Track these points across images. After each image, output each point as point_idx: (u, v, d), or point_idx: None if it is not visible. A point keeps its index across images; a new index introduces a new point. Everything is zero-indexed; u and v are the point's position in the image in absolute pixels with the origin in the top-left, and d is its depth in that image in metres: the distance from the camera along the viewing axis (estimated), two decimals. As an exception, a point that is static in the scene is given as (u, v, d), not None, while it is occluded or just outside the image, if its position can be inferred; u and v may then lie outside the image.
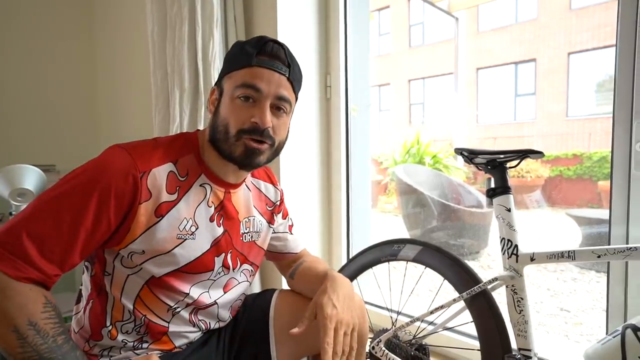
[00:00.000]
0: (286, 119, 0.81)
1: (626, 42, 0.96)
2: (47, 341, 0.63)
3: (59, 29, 2.27)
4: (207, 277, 0.82)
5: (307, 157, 1.55)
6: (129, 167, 0.70)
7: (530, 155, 0.90)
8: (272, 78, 0.76)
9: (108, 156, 0.71)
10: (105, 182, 0.68)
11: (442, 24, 10.82)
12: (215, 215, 0.81)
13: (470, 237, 3.98)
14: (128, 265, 0.75)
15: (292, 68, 0.80)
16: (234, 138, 0.75)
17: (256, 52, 0.76)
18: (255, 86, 0.75)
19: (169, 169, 0.75)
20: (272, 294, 0.97)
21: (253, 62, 0.76)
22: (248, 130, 0.75)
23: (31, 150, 2.12)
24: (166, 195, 0.74)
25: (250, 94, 0.75)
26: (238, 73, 0.77)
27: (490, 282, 0.92)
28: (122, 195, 0.69)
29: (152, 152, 0.75)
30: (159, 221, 0.73)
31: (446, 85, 10.61)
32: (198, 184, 0.79)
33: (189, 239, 0.77)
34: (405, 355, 1.04)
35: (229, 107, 0.76)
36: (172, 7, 1.51)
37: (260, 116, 0.75)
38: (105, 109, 2.36)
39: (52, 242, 0.65)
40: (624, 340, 0.73)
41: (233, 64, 0.79)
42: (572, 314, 2.57)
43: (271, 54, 0.77)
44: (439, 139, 8.06)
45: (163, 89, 1.60)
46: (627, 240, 0.98)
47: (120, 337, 0.77)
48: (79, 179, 0.68)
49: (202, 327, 0.86)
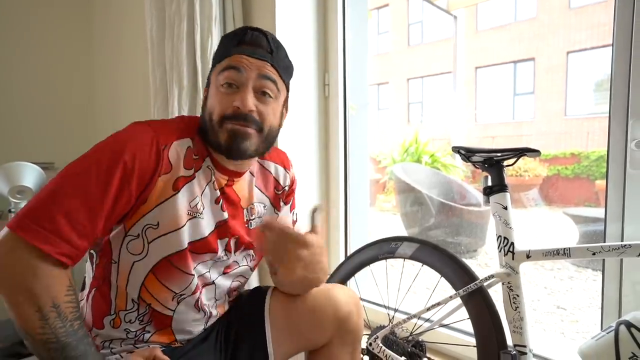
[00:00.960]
0: (274, 104, 0.80)
1: (622, 41, 0.96)
2: (65, 325, 0.64)
3: (58, 27, 2.26)
4: (210, 257, 0.82)
5: (305, 155, 1.55)
6: (152, 139, 0.71)
7: (527, 153, 0.91)
8: (252, 63, 0.76)
9: (130, 130, 0.73)
10: (129, 154, 0.69)
11: (441, 22, 10.83)
12: (220, 199, 0.82)
13: (468, 235, 3.99)
14: (135, 252, 0.75)
15: (276, 53, 0.79)
16: (218, 125, 0.76)
17: (237, 42, 0.77)
18: (236, 68, 0.75)
19: (187, 145, 0.77)
20: (267, 289, 0.97)
21: (233, 51, 0.76)
22: (231, 116, 0.75)
23: (30, 148, 2.12)
24: (183, 170, 0.76)
25: (231, 77, 0.75)
26: (221, 64, 0.78)
27: (487, 279, 0.93)
28: (146, 167, 0.70)
29: (172, 126, 0.77)
30: (175, 194, 0.74)
31: (445, 84, 10.62)
32: (205, 165, 0.80)
33: (198, 217, 0.78)
34: (402, 352, 1.05)
35: (214, 96, 0.78)
36: (170, 5, 1.51)
37: (242, 100, 0.74)
38: (104, 107, 2.36)
39: (81, 216, 0.65)
40: (618, 336, 0.74)
41: (217, 58, 0.80)
42: (568, 312, 2.59)
43: (252, 42, 0.77)
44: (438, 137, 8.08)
45: (162, 87, 1.60)
46: (622, 238, 0.99)
47: (124, 325, 0.78)
48: (103, 153, 0.69)
49: (206, 312, 0.86)
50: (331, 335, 0.90)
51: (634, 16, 0.94)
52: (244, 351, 0.90)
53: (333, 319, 0.89)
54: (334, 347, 0.91)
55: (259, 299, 0.94)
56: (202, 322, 0.87)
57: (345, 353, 0.92)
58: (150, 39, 1.61)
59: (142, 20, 1.68)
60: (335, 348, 0.91)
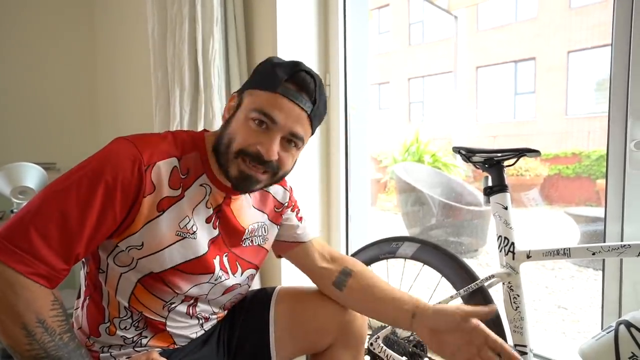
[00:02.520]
0: (295, 153, 0.78)
1: (621, 41, 0.96)
2: (54, 339, 0.63)
3: (60, 28, 2.27)
4: (208, 279, 0.80)
5: (306, 155, 1.56)
6: (135, 158, 0.69)
7: (527, 153, 0.91)
8: (292, 112, 0.72)
9: (114, 148, 0.70)
10: (111, 173, 0.67)
11: (441, 22, 10.82)
12: (212, 217, 0.80)
13: (469, 235, 3.99)
14: (122, 264, 0.74)
15: (318, 105, 0.76)
16: (233, 155, 0.73)
17: (285, 78, 0.72)
18: (272, 117, 0.71)
19: (173, 165, 0.74)
20: (272, 291, 0.96)
21: (279, 89, 0.72)
22: (249, 154, 0.72)
23: (32, 149, 2.12)
24: (168, 190, 0.73)
25: (265, 121, 0.72)
26: (261, 94, 0.73)
27: (487, 279, 0.93)
28: (128, 187, 0.68)
29: (157, 145, 0.73)
30: (160, 215, 0.72)
31: (446, 84, 10.61)
32: (199, 184, 0.78)
33: (189, 237, 0.76)
34: (403, 352, 1.05)
35: (241, 124, 0.73)
36: (172, 6, 1.51)
37: (267, 147, 0.71)
38: (106, 108, 2.36)
39: (59, 237, 0.64)
40: (617, 335, 0.74)
41: (259, 82, 0.75)
42: (569, 312, 2.59)
43: (300, 85, 0.73)
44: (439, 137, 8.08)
45: (163, 88, 1.61)
46: (621, 238, 1.00)
47: (120, 332, 0.77)
48: (84, 171, 0.67)
49: (201, 318, 0.85)
50: (334, 338, 0.90)
51: (632, 16, 0.95)
52: (246, 353, 0.90)
53: (337, 321, 0.89)
54: (337, 350, 0.91)
55: (263, 301, 0.94)
56: (197, 326, 0.86)
57: (348, 356, 0.91)
58: (152, 40, 1.61)
59: (144, 21, 1.69)
60: (338, 351, 0.91)
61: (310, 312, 0.90)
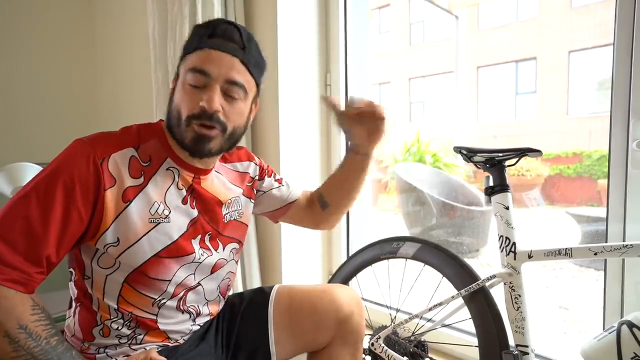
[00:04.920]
0: (241, 105, 0.79)
1: (623, 41, 0.96)
2: (40, 343, 0.63)
3: (60, 28, 2.27)
4: (191, 259, 0.81)
5: (307, 155, 1.56)
6: (88, 154, 0.70)
7: (528, 153, 0.91)
8: (222, 61, 0.74)
9: (69, 149, 0.72)
10: (67, 172, 0.68)
11: (442, 22, 10.82)
12: (188, 198, 0.82)
13: (470, 235, 3.99)
14: (105, 266, 0.75)
15: (248, 50, 0.78)
16: (185, 124, 0.75)
17: (208, 34, 0.75)
18: (204, 70, 0.74)
19: (130, 154, 0.75)
20: (270, 290, 0.97)
21: (203, 44, 0.75)
22: (197, 115, 0.74)
23: (33, 149, 2.12)
24: (131, 180, 0.74)
25: (199, 79, 0.74)
26: (190, 57, 0.76)
27: (489, 279, 0.93)
28: (86, 182, 0.69)
29: (110, 139, 0.75)
30: (128, 206, 0.73)
31: (446, 84, 10.60)
32: (164, 168, 0.79)
33: (162, 222, 0.77)
34: (404, 352, 1.05)
35: (181, 92, 0.76)
36: (172, 6, 1.52)
37: (208, 100, 0.73)
38: (107, 108, 2.37)
39: (24, 241, 0.64)
40: (620, 336, 0.74)
41: (186, 48, 0.79)
42: (570, 312, 2.58)
43: (223, 36, 0.76)
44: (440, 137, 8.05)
45: (163, 87, 1.61)
46: (623, 238, 0.99)
47: (114, 333, 0.78)
48: (42, 176, 0.69)
49: (192, 312, 0.86)
50: (333, 336, 0.91)
51: (635, 16, 0.94)
52: (245, 351, 0.90)
53: (334, 319, 0.90)
54: (336, 348, 0.91)
55: (262, 300, 0.94)
56: (189, 321, 0.86)
57: (346, 353, 0.92)
58: (153, 40, 1.61)
59: (145, 21, 1.69)
60: (337, 348, 0.91)
61: (308, 310, 0.90)
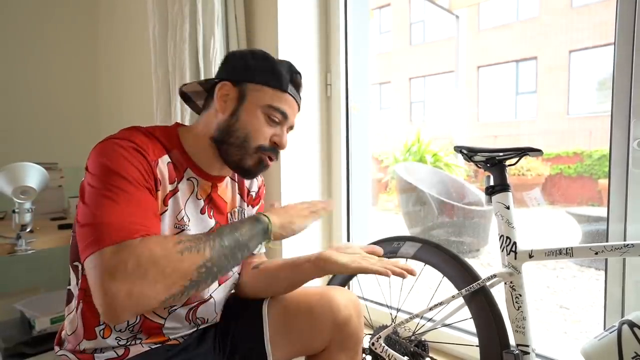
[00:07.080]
0: None
1: (624, 40, 0.96)
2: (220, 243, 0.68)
3: (61, 28, 2.27)
4: None
5: (307, 155, 1.56)
6: (144, 154, 0.72)
7: (529, 153, 0.91)
8: (294, 108, 0.86)
9: (118, 150, 0.70)
10: (130, 171, 0.68)
11: (443, 22, 10.81)
12: (205, 208, 0.84)
13: (470, 235, 3.98)
14: None
15: (301, 97, 0.89)
16: (253, 150, 0.81)
17: (289, 78, 0.83)
18: (286, 113, 0.83)
19: (168, 160, 0.78)
20: None
21: (288, 90, 0.83)
22: (267, 148, 0.82)
23: (34, 149, 2.13)
24: (169, 185, 0.77)
25: (278, 117, 0.82)
26: (270, 92, 0.81)
27: (489, 278, 0.93)
28: (150, 178, 0.72)
29: (153, 143, 0.76)
30: (166, 210, 0.76)
31: (447, 84, 10.60)
32: (186, 177, 0.81)
33: (185, 229, 0.79)
34: (404, 352, 1.05)
35: (254, 119, 0.80)
36: (173, 6, 1.51)
37: (283, 139, 0.84)
38: (107, 108, 2.37)
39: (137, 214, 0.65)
40: (620, 335, 0.74)
41: (264, 79, 0.81)
42: (571, 311, 2.58)
43: (297, 85, 0.86)
44: (440, 137, 8.06)
45: (164, 87, 1.61)
46: (624, 237, 0.99)
47: (114, 335, 0.77)
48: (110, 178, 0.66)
49: (199, 324, 0.87)
50: (330, 340, 0.88)
51: (635, 15, 0.94)
52: (240, 352, 0.89)
53: (332, 323, 0.87)
54: (334, 352, 0.89)
55: (257, 304, 0.93)
56: (193, 328, 0.88)
57: (345, 358, 0.90)
58: (153, 40, 1.61)
59: (145, 20, 1.69)
60: (335, 353, 0.89)
61: (304, 313, 0.89)
